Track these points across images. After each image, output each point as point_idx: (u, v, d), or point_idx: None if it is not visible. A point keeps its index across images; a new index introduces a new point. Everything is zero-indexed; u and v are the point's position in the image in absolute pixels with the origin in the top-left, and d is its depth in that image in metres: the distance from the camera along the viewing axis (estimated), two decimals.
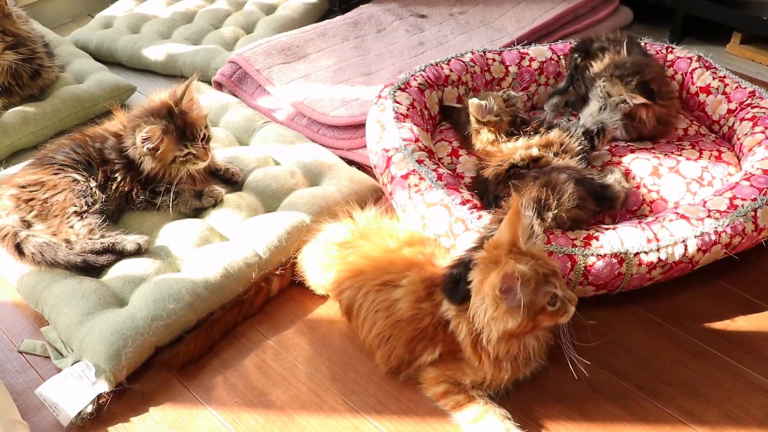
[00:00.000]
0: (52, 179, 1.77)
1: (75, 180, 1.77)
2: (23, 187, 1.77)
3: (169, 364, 1.56)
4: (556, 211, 1.59)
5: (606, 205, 1.73)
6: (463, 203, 1.64)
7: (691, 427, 1.42)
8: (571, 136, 1.82)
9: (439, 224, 1.64)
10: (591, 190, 1.67)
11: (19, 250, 1.70)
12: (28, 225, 1.74)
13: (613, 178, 1.77)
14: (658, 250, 1.57)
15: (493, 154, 1.82)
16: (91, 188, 1.78)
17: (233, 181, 1.99)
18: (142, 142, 1.76)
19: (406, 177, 1.72)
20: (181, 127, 1.80)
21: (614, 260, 1.55)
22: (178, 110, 1.80)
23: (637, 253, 1.56)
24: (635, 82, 1.87)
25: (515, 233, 1.31)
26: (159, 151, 1.78)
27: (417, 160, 1.74)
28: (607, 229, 1.62)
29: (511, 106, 1.90)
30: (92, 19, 3.05)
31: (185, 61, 2.64)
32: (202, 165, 1.86)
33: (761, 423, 1.42)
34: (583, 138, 1.83)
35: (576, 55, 2.14)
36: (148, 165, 1.80)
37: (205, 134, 1.85)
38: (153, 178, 1.83)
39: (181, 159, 1.82)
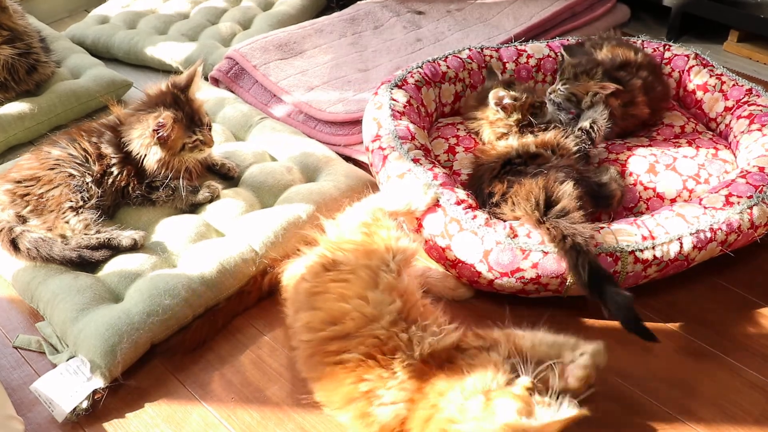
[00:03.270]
0: (47, 174, 1.76)
1: (71, 175, 1.76)
2: (19, 182, 1.76)
3: (174, 350, 1.57)
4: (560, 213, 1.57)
5: (603, 204, 1.73)
6: (458, 203, 1.64)
7: (687, 424, 1.42)
8: (566, 137, 1.82)
9: (433, 224, 1.64)
10: (588, 190, 1.67)
11: (14, 245, 1.70)
12: (23, 220, 1.73)
13: (609, 176, 1.77)
14: (653, 248, 1.57)
15: (488, 152, 1.82)
16: (87, 183, 1.77)
17: (230, 177, 1.99)
18: (155, 131, 1.75)
19: (401, 177, 1.72)
20: (189, 113, 1.80)
21: (609, 258, 1.55)
22: (185, 97, 1.80)
23: (632, 251, 1.56)
24: (600, 73, 1.87)
25: None
26: (170, 140, 1.77)
27: (413, 159, 1.74)
28: (602, 227, 1.61)
29: (532, 113, 1.90)
30: (88, 15, 3.04)
31: (182, 57, 2.64)
32: (208, 151, 1.87)
33: (757, 420, 1.42)
34: (582, 134, 1.83)
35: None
36: (155, 156, 1.79)
37: (208, 120, 1.86)
38: (156, 171, 1.82)
39: (190, 146, 1.81)
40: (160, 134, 1.75)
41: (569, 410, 1.17)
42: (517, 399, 1.19)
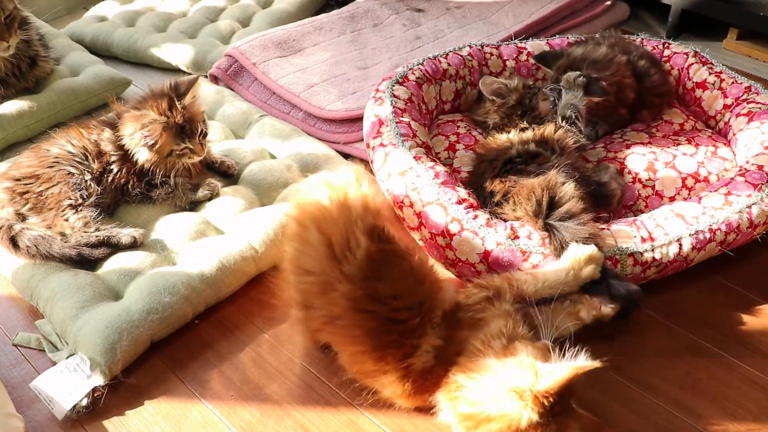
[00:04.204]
0: (47, 172, 1.76)
1: (70, 173, 1.76)
2: (18, 179, 1.76)
3: None
4: (564, 215, 1.57)
5: (603, 203, 1.72)
6: (459, 202, 1.63)
7: (686, 421, 1.42)
8: (559, 128, 1.82)
9: (435, 223, 1.63)
10: (589, 189, 1.67)
11: (13, 243, 1.70)
12: (22, 218, 1.73)
13: (609, 175, 1.76)
14: (652, 250, 1.57)
15: (488, 147, 1.82)
16: (86, 181, 1.77)
17: (229, 174, 1.99)
18: (143, 138, 1.76)
19: (402, 174, 1.71)
20: (181, 122, 1.80)
21: (608, 262, 1.55)
22: (180, 105, 1.80)
23: (631, 254, 1.56)
24: (581, 90, 1.85)
25: None
26: (157, 145, 1.78)
27: (414, 157, 1.74)
28: (601, 228, 1.61)
29: (527, 95, 1.92)
30: (87, 12, 3.03)
31: (181, 55, 2.63)
32: (197, 159, 1.87)
33: (756, 417, 1.42)
34: (566, 126, 1.84)
35: None
36: (143, 156, 1.80)
37: (202, 129, 1.85)
38: (148, 170, 1.82)
39: (177, 153, 1.82)
40: (147, 142, 1.76)
41: (584, 361, 1.20)
42: (536, 346, 1.27)
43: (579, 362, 1.20)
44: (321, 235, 1.33)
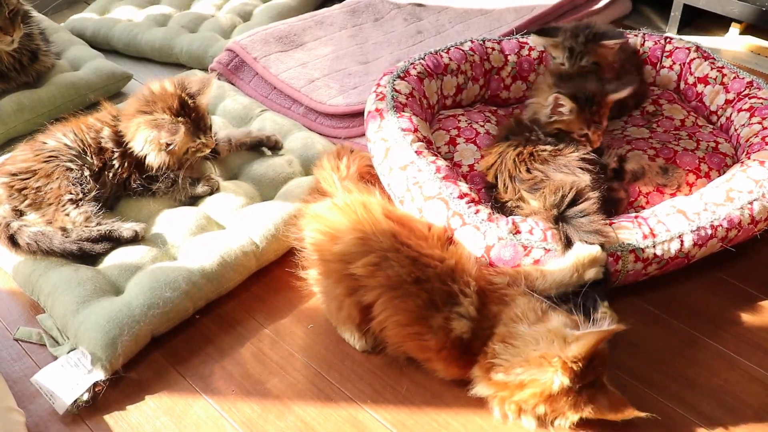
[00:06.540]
0: (44, 167, 1.75)
1: (69, 168, 1.75)
2: (14, 174, 1.75)
3: None
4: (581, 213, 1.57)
5: (610, 206, 1.71)
6: (461, 197, 1.63)
7: (686, 416, 1.42)
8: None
9: (436, 218, 1.63)
10: (610, 198, 1.67)
11: (12, 241, 1.69)
12: (20, 214, 1.73)
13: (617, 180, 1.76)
14: (654, 246, 1.56)
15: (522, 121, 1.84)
16: (86, 176, 1.77)
17: (279, 147, 2.05)
18: (167, 143, 1.76)
19: (404, 168, 1.71)
20: (196, 119, 1.80)
21: (610, 258, 1.55)
22: (193, 103, 1.80)
23: (632, 250, 1.56)
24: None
25: None
26: (177, 147, 1.78)
27: (416, 152, 1.73)
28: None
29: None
30: (88, 6, 3.03)
31: (182, 49, 2.63)
32: (207, 151, 1.88)
33: (756, 413, 1.43)
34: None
35: None
36: (159, 159, 1.79)
37: (210, 122, 1.87)
38: (157, 169, 1.82)
39: (193, 150, 1.83)
40: (171, 148, 1.76)
41: (609, 325, 1.29)
42: (569, 317, 1.35)
43: (604, 326, 1.27)
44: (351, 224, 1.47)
